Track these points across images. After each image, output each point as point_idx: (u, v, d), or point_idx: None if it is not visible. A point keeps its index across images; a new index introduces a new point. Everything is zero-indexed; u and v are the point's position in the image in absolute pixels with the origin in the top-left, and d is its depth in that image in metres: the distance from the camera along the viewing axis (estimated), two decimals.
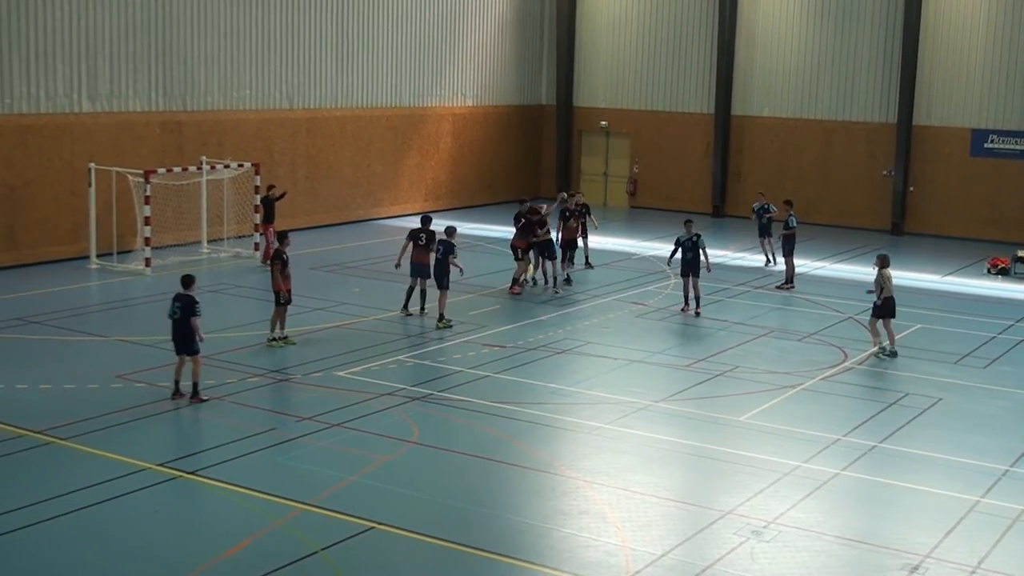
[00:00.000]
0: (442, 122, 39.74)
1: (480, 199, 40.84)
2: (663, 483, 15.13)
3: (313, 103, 34.87)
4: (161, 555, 12.57)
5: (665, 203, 41.48)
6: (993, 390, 20.03)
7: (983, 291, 29.16)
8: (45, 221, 28.04)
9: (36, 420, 16.55)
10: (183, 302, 17.57)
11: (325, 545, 12.77)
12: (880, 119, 38.45)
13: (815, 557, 12.89)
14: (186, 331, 17.52)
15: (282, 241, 21.42)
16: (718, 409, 18.29)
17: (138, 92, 29.87)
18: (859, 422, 17.81)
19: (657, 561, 12.64)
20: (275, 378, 19.20)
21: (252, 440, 16.15)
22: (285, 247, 21.29)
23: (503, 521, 13.76)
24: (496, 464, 15.64)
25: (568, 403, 18.39)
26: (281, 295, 21.00)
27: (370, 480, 14.84)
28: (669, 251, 26.03)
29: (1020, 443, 17.07)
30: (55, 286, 25.51)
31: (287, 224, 33.38)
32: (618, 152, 43.45)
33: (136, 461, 15.08)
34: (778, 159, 40.23)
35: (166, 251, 28.64)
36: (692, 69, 41.48)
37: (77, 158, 28.25)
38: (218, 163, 30.20)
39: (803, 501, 14.52)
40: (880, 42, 38.16)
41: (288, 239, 21.61)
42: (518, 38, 42.86)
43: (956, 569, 12.69)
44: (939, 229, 37.61)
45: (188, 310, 17.48)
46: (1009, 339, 23.77)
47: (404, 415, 17.49)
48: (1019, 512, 14.41)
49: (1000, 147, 36.72)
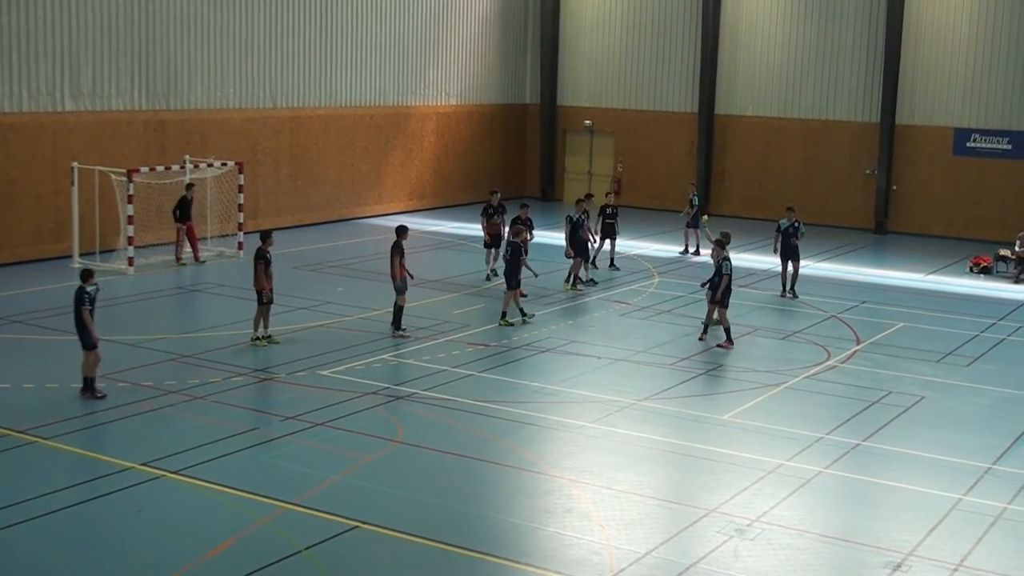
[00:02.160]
0: (426, 121, 39.72)
1: (464, 198, 40.81)
2: (647, 481, 15.15)
3: (297, 102, 34.80)
4: (145, 555, 12.53)
5: (649, 202, 41.51)
6: (975, 388, 20.11)
7: (965, 290, 29.28)
8: (27, 220, 27.94)
9: (19, 419, 16.50)
10: (75, 294, 17.66)
11: (309, 544, 12.75)
12: (863, 118, 38.58)
13: (798, 555, 12.94)
14: (78, 323, 17.60)
15: (265, 240, 21.37)
16: (702, 408, 18.33)
17: (121, 91, 29.77)
18: (842, 420, 17.87)
19: (641, 559, 12.66)
20: (259, 377, 19.17)
21: (236, 439, 16.12)
22: (268, 246, 21.24)
23: (487, 520, 13.77)
24: (480, 463, 15.65)
25: (552, 402, 18.41)
26: (264, 294, 20.96)
27: (354, 479, 14.83)
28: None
29: (1002, 440, 17.15)
30: (38, 285, 25.41)
31: (271, 223, 33.39)
32: (602, 151, 43.49)
33: (120, 461, 15.04)
34: (762, 158, 40.33)
35: (149, 250, 28.55)
36: (676, 68, 41.55)
37: (60, 157, 28.15)
38: (201, 162, 30.12)
39: (786, 499, 14.56)
40: (863, 41, 38.29)
41: (271, 238, 21.56)
42: (502, 37, 42.87)
43: (939, 566, 12.74)
44: (922, 228, 37.75)
45: (77, 301, 17.56)
46: (991, 337, 23.87)
47: (388, 414, 17.48)
48: (1001, 509, 14.49)
49: (982, 146, 36.87)
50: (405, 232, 22.43)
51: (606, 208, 29.49)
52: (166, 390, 18.10)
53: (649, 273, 29.46)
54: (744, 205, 40.47)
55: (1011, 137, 36.39)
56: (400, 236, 22.24)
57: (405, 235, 22.38)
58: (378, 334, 22.15)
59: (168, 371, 19.19)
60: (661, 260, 31.52)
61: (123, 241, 27.60)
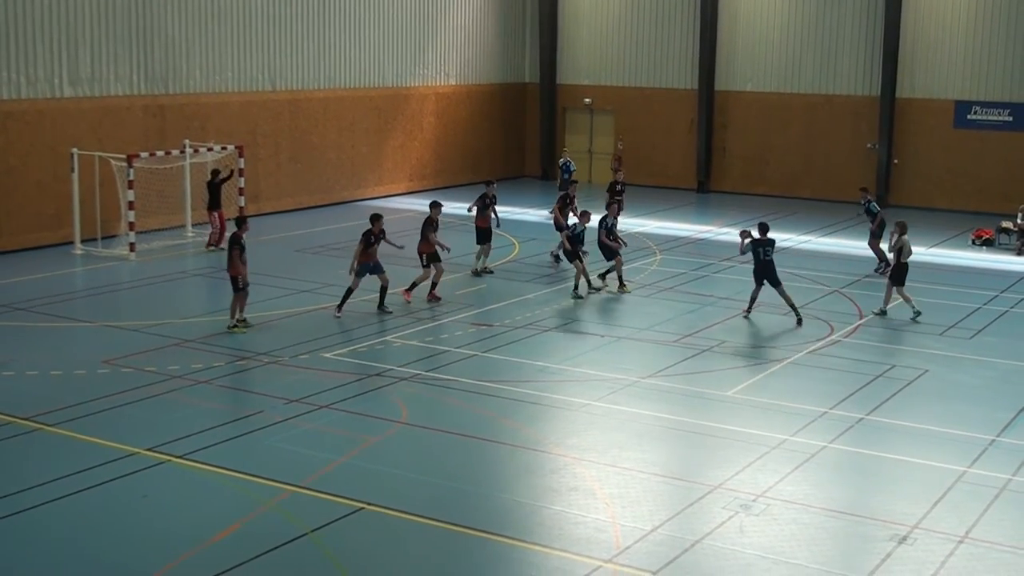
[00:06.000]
0: (425, 102, 39.64)
1: (464, 178, 40.75)
2: (652, 459, 15.17)
3: (296, 85, 34.73)
4: (151, 539, 12.56)
5: (650, 179, 41.47)
6: (979, 361, 20.11)
7: (968, 262, 29.26)
8: (28, 207, 27.93)
9: (23, 407, 16.51)
10: None
11: (315, 527, 12.78)
12: (864, 92, 38.47)
13: (804, 530, 12.96)
14: None
15: (240, 226, 21.22)
16: (705, 384, 18.33)
17: (119, 76, 29.71)
18: (846, 395, 17.87)
19: (647, 536, 12.69)
20: (262, 360, 19.18)
21: (240, 423, 16.15)
22: (243, 232, 21.07)
23: (493, 499, 13.79)
24: (485, 443, 15.67)
25: (556, 381, 18.42)
26: (239, 280, 20.82)
27: (359, 461, 14.86)
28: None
29: (1006, 413, 17.16)
30: (40, 272, 25.42)
31: (272, 206, 33.46)
32: (602, 129, 43.40)
33: (125, 446, 15.06)
34: (762, 133, 40.24)
35: (150, 236, 28.55)
36: (675, 44, 41.41)
37: (59, 143, 28.12)
38: (201, 146, 30.08)
39: (791, 474, 14.58)
40: (863, 15, 38.15)
41: (247, 224, 21.42)
42: (500, 16, 42.74)
43: (944, 539, 12.76)
44: (923, 201, 37.67)
45: None
46: (994, 310, 23.86)
47: (392, 396, 17.50)
48: (1006, 481, 14.50)
49: (983, 118, 36.78)
50: (439, 207, 23.45)
51: (615, 184, 29.74)
52: (170, 375, 18.12)
53: (651, 251, 29.43)
54: (745, 181, 40.42)
55: (1012, 109, 36.30)
56: (433, 210, 23.18)
57: (439, 210, 23.35)
58: (380, 316, 22.14)
59: (171, 356, 19.20)
60: (663, 238, 31.48)
61: (124, 227, 27.60)
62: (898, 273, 22.67)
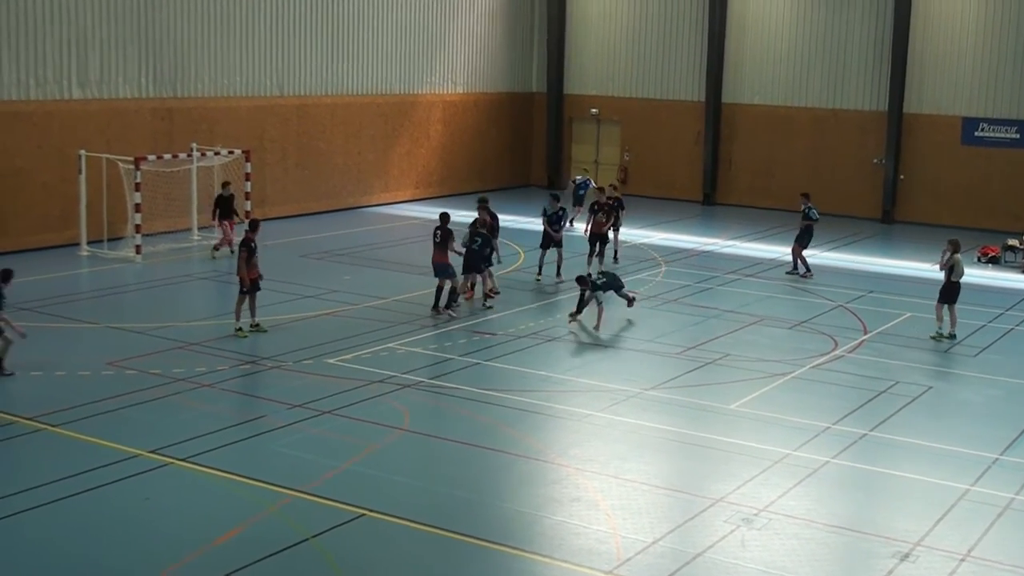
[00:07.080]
0: (432, 109, 39.68)
1: (470, 186, 40.75)
2: (654, 471, 15.15)
3: (303, 90, 34.78)
4: (153, 542, 12.56)
5: (655, 191, 41.49)
6: (983, 378, 20.08)
7: (973, 279, 29.09)
8: (35, 208, 27.97)
9: (27, 407, 16.53)
10: None
11: (316, 532, 12.77)
12: (871, 107, 38.48)
13: (805, 545, 12.93)
14: None
15: (252, 229, 21.25)
16: (708, 397, 18.32)
17: (128, 79, 29.76)
18: (849, 410, 17.85)
19: (648, 548, 12.67)
20: (266, 365, 19.19)
21: (243, 427, 16.15)
22: (255, 234, 21.11)
23: (494, 508, 13.78)
24: (487, 451, 15.66)
25: (559, 391, 18.41)
26: (243, 282, 20.84)
27: (361, 467, 14.85)
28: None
29: (1009, 431, 17.13)
30: (45, 273, 25.43)
31: (278, 212, 33.46)
32: (609, 139, 43.43)
33: (128, 448, 15.06)
34: (769, 147, 40.24)
35: (157, 238, 28.58)
36: (683, 56, 41.45)
37: (67, 145, 28.15)
38: (208, 150, 30.12)
39: (793, 489, 14.56)
40: (871, 30, 38.17)
41: (259, 227, 21.49)
42: (508, 24, 42.79)
43: (946, 556, 12.74)
44: (930, 217, 37.65)
45: None
46: (999, 327, 23.84)
47: (395, 402, 17.49)
48: (1009, 500, 14.47)
49: (991, 135, 36.77)
50: (448, 218, 23.50)
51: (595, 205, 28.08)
52: (173, 378, 18.13)
53: (656, 262, 29.42)
54: (751, 194, 40.42)
55: (1020, 126, 36.28)
56: (444, 222, 23.20)
57: (448, 220, 23.40)
58: (384, 322, 22.16)
59: (176, 359, 19.21)
60: (668, 250, 31.48)
61: (131, 229, 27.63)
62: (948, 292, 22.48)
